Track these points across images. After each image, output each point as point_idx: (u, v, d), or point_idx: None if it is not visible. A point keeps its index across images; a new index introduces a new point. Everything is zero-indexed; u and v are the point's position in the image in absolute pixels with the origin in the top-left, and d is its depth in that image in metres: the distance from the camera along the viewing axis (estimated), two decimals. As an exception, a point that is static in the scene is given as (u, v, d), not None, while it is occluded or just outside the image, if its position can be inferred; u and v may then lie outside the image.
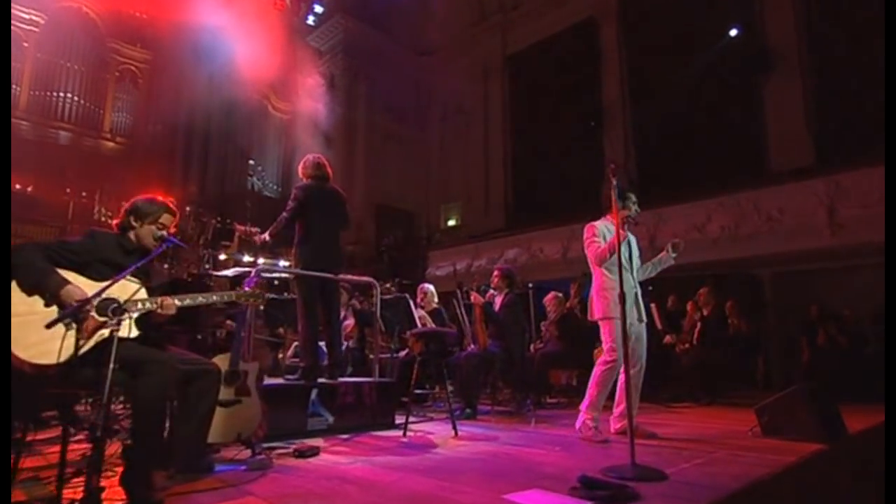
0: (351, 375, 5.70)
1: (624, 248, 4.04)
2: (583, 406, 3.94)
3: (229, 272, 5.06)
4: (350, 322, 6.35)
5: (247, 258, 7.76)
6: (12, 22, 11.14)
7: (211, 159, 14.35)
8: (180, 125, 13.92)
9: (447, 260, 12.32)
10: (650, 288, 7.56)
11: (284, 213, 4.46)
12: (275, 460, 3.15)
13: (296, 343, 5.37)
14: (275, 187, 16.03)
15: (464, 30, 15.97)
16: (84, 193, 10.47)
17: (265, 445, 3.42)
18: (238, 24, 13.76)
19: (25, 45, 11.95)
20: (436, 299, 6.28)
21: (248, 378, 3.29)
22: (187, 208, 11.50)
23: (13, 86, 11.46)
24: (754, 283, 8.94)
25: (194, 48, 13.42)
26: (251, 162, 15.34)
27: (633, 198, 4.07)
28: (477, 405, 5.32)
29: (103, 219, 10.36)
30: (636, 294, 3.98)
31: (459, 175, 15.80)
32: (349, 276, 4.81)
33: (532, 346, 6.28)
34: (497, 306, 5.62)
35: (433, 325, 5.96)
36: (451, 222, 16.04)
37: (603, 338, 3.97)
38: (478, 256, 11.26)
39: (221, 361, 3.23)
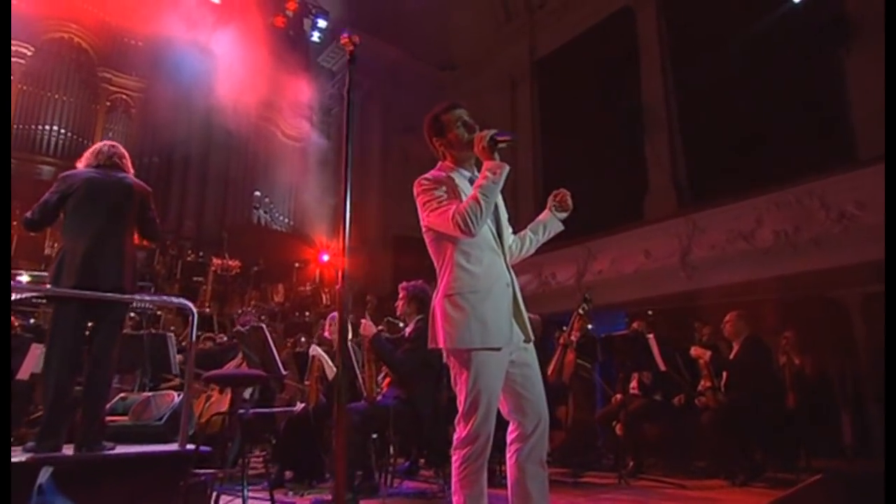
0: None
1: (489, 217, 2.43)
2: None
3: None
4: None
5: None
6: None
7: (210, 192, 13.72)
8: (176, 156, 13.43)
9: (453, 292, 10.79)
10: (649, 312, 5.79)
11: (27, 213, 3.30)
12: None
13: (119, 396, 4.06)
14: (284, 220, 15.21)
15: (487, 36, 14.84)
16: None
17: None
18: (237, 48, 13.31)
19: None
20: (349, 334, 4.79)
21: None
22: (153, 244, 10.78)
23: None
24: (836, 309, 6.82)
25: (192, 74, 12.99)
26: (256, 193, 14.63)
27: (465, 115, 2.43)
28: (366, 483, 3.79)
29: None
30: (513, 292, 2.33)
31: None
32: (154, 297, 3.53)
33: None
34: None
35: (330, 366, 4.51)
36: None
37: (456, 389, 2.27)
38: (484, 286, 9.67)
39: None
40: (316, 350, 4.60)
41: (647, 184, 10.52)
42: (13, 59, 11.89)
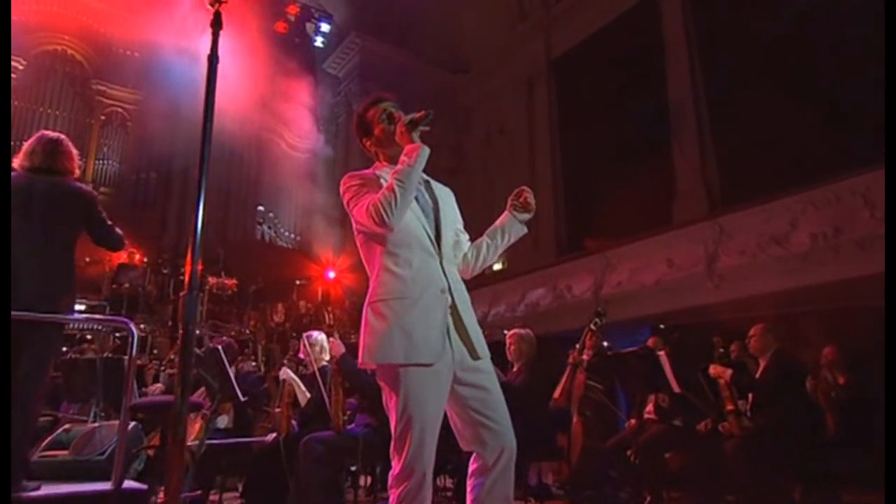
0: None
1: (419, 212, 2.16)
2: None
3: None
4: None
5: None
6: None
7: (210, 207, 13.62)
8: (175, 170, 13.41)
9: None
10: (661, 326, 5.39)
11: None
12: None
13: (63, 428, 3.83)
14: (290, 235, 15.10)
15: (502, 36, 14.62)
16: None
17: None
18: (236, 56, 13.30)
19: (3, 93, 11.96)
20: (326, 355, 4.49)
21: None
22: (144, 259, 10.71)
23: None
24: (885, 320, 6.32)
25: (190, 85, 12.99)
26: (260, 208, 14.56)
27: (391, 106, 2.28)
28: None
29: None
30: (451, 300, 2.06)
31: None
32: (85, 316, 3.30)
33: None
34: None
35: (303, 391, 4.24)
36: (497, 266, 14.15)
37: (389, 414, 2.03)
38: (496, 302, 9.32)
39: None
40: (286, 373, 4.33)
41: (674, 187, 10.11)
42: (5, 74, 12.04)
